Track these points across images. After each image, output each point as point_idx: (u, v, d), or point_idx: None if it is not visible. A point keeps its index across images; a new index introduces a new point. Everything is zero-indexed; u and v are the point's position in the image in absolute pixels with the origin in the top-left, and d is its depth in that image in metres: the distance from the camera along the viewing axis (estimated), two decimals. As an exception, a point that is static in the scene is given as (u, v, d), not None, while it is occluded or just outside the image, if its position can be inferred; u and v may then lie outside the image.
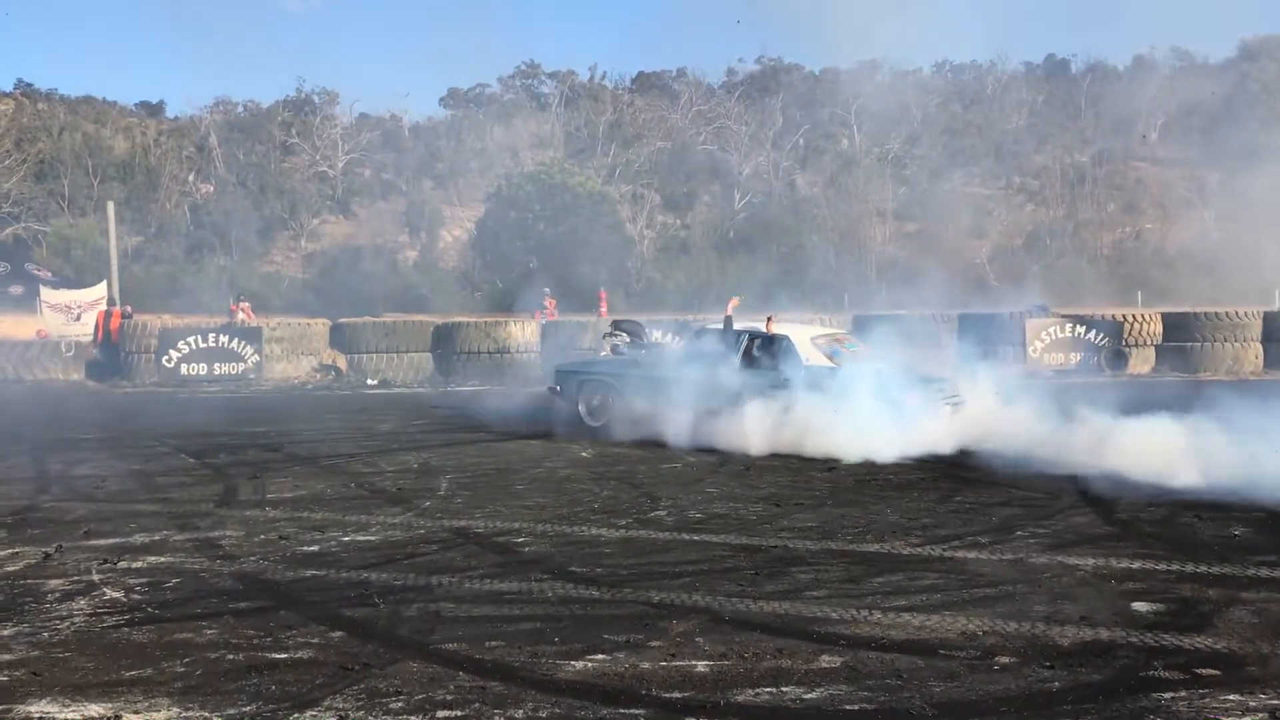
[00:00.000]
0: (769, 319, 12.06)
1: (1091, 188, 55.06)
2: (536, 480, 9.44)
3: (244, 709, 4.17)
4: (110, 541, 7.03)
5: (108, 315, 21.22)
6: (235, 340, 20.43)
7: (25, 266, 25.92)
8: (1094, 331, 20.70)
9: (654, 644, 4.91)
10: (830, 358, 11.47)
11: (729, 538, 7.00)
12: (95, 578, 6.12)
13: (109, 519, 7.79)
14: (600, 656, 4.75)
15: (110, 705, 4.20)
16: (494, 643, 4.92)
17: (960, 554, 6.54)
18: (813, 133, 61.56)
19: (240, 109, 64.25)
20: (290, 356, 20.81)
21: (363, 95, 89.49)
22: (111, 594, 5.79)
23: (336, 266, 48.06)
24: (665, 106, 63.87)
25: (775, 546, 6.75)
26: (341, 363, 20.94)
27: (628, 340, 13.46)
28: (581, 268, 38.79)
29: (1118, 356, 20.26)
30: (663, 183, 57.27)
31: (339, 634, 5.09)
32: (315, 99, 64.21)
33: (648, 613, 5.40)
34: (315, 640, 5.00)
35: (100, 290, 23.42)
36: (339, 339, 21.42)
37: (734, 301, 12.51)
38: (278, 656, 4.77)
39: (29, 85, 68.30)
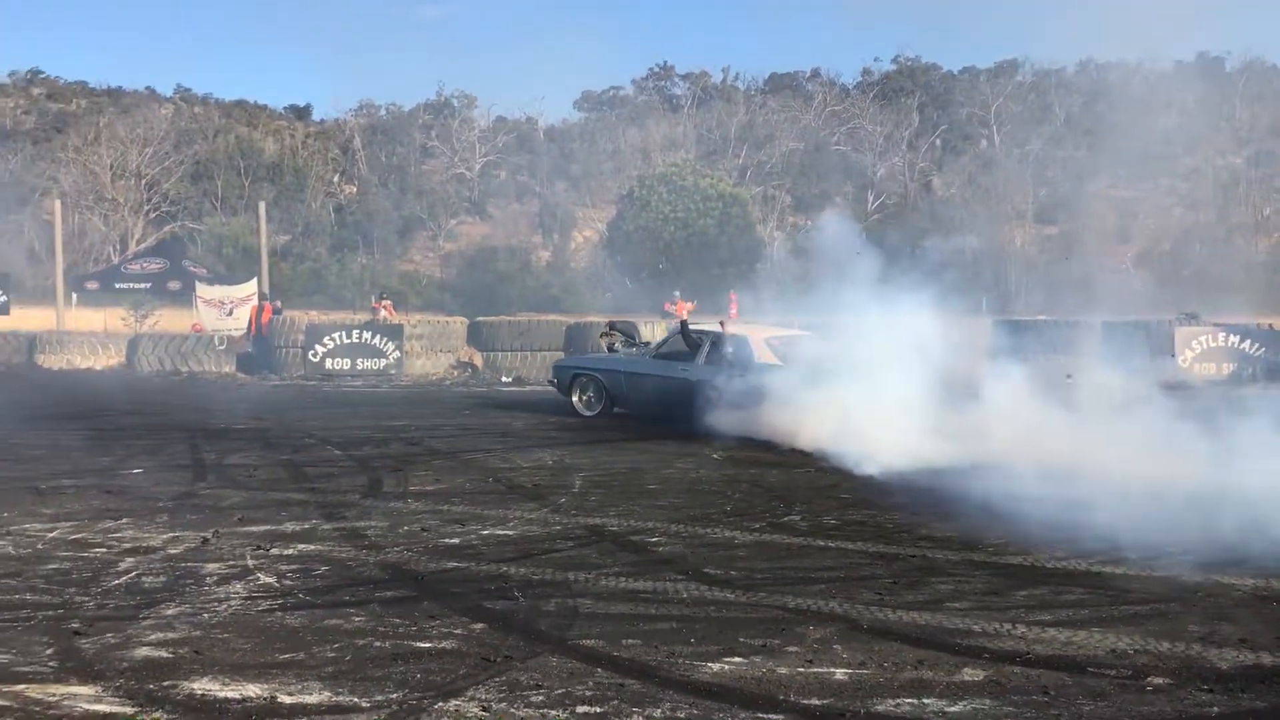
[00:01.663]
0: (721, 321, 13.71)
1: (1246, 190, 52.51)
2: (668, 480, 9.49)
3: (391, 695, 4.30)
4: (263, 529, 7.33)
5: (259, 310, 22.14)
6: (378, 337, 21.10)
7: (182, 263, 27.18)
8: (1249, 341, 19.74)
9: (791, 649, 4.88)
10: (780, 357, 12.66)
11: (865, 545, 6.91)
12: (250, 563, 6.39)
13: (261, 507, 8.12)
14: (737, 659, 4.74)
15: (266, 686, 4.38)
16: (631, 641, 4.97)
17: (1108, 569, 6.31)
18: (950, 133, 60.35)
19: (383, 112, 66.17)
20: (429, 353, 21.40)
21: (499, 99, 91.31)
22: (265, 579, 6.03)
23: (472, 266, 49.14)
24: (798, 107, 63.34)
25: (914, 555, 6.63)
26: (478, 360, 21.42)
27: (622, 340, 15.11)
28: (712, 269, 38.79)
29: (1274, 368, 19.27)
30: (794, 184, 56.87)
31: (480, 626, 5.21)
32: (454, 103, 65.68)
33: (784, 617, 5.37)
34: (458, 631, 5.12)
35: (251, 287, 24.43)
36: (476, 337, 21.91)
37: (689, 306, 14.80)
38: (422, 646, 4.90)
39: (187, 90, 71.77)
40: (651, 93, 69.75)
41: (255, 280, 24.65)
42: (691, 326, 13.77)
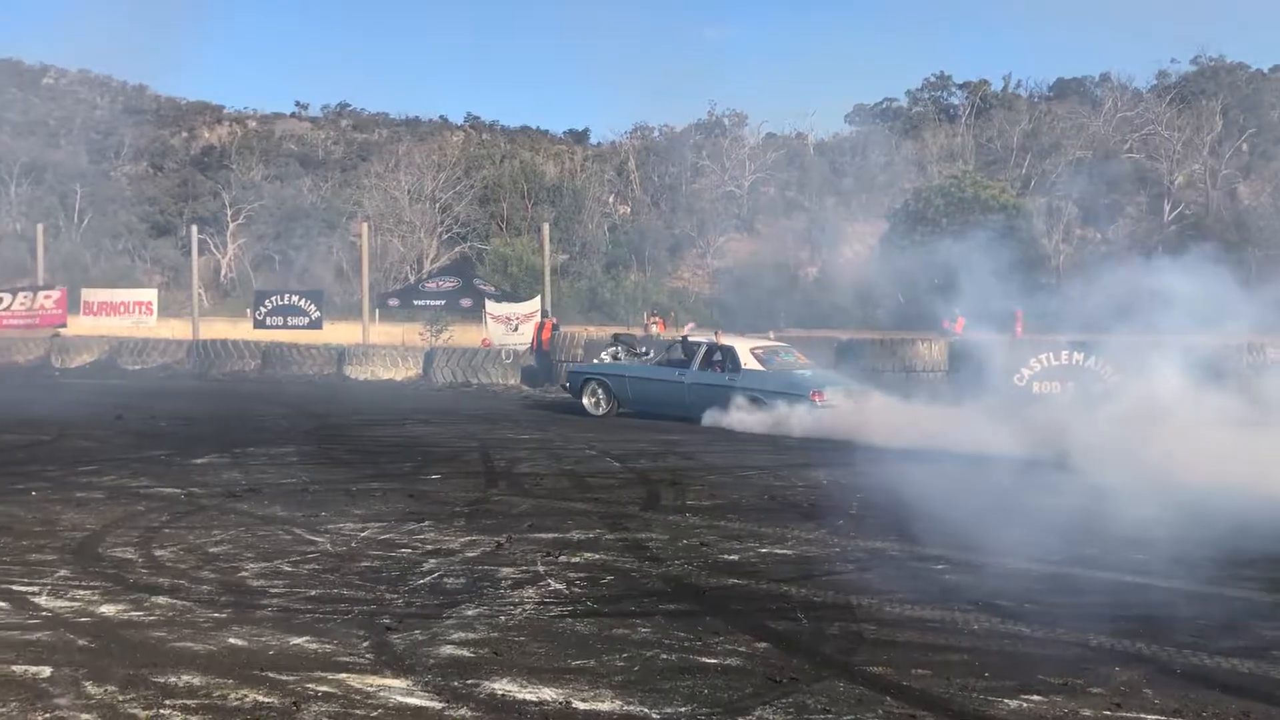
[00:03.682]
0: (717, 333, 17.09)
1: None
2: (951, 505, 9.12)
3: (680, 709, 4.34)
4: (550, 536, 7.62)
5: (540, 327, 23.15)
6: (650, 352, 21.53)
7: (473, 281, 28.76)
8: None
9: (1094, 690, 4.57)
10: (764, 363, 15.67)
11: (1177, 583, 6.39)
12: (540, 569, 6.65)
13: (548, 515, 8.45)
14: (1036, 697, 4.49)
15: (560, 691, 4.53)
16: (920, 670, 4.80)
17: None
18: (1259, 137, 55.52)
19: (656, 133, 67.93)
20: (700, 369, 21.65)
21: (770, 116, 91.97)
22: (555, 585, 6.26)
23: (740, 283, 49.49)
24: (1086, 114, 60.09)
25: (1235, 597, 6.08)
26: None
27: (625, 350, 17.95)
28: (992, 284, 37.31)
29: None
30: (1082, 194, 53.90)
31: (764, 645, 5.19)
32: (725, 121, 66.60)
33: (1085, 656, 5.05)
34: (742, 649, 5.12)
35: (534, 304, 25.54)
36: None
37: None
38: (708, 661, 4.94)
39: (477, 118, 76.42)
40: (927, 103, 68.11)
41: (538, 298, 25.76)
42: (691, 339, 17.00)
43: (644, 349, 18.45)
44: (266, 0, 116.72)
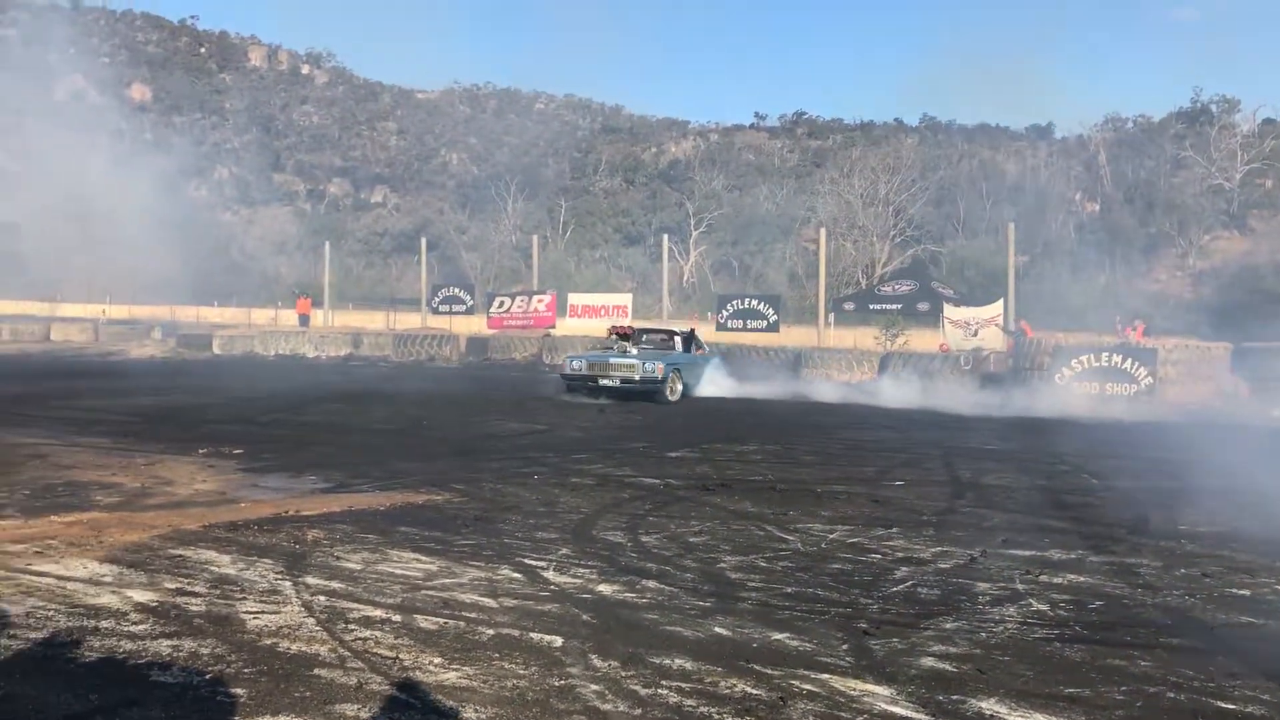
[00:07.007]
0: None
1: None
2: None
3: (1195, 756, 3.94)
4: (1028, 553, 7.24)
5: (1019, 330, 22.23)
6: (1128, 360, 19.98)
7: (930, 285, 28.17)
8: None
9: None
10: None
11: None
12: (1019, 587, 6.33)
13: (1023, 530, 8.04)
14: None
15: (1054, 719, 4.27)
16: None
17: None
18: None
19: (1130, 125, 62.96)
20: (1185, 380, 19.74)
21: (1268, 100, 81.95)
22: (1038, 606, 5.93)
23: (1230, 285, 44.57)
24: None
25: None
26: (1244, 390, 19.25)
27: (626, 343, 20.10)
28: None
29: None
30: None
31: (1293, 695, 4.58)
32: (1213, 108, 60.37)
33: None
34: (1265, 696, 4.56)
35: (995, 307, 24.54)
36: (1241, 364, 19.73)
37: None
38: (1224, 705, 4.44)
39: (933, 119, 75.04)
40: None
41: (999, 301, 24.71)
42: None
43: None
44: (728, 19, 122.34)
